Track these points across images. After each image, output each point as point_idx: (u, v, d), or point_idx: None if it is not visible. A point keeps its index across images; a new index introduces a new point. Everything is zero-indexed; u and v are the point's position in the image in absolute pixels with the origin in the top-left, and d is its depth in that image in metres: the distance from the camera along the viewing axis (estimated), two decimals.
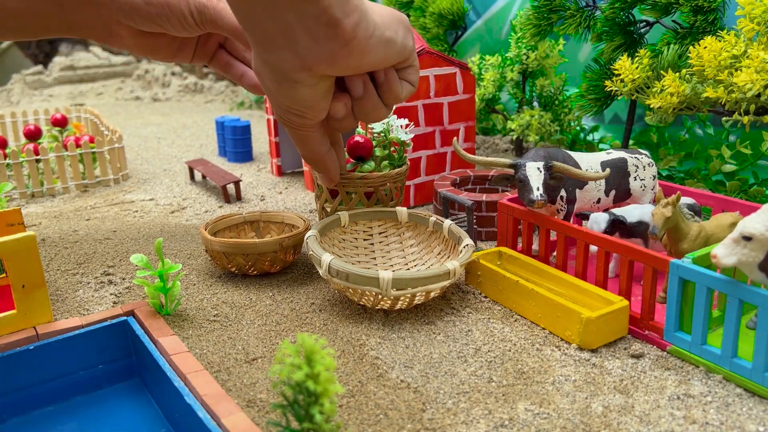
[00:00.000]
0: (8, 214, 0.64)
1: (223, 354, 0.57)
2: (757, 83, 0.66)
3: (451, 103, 0.96)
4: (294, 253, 0.73)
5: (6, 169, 1.10)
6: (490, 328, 0.61)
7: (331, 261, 0.60)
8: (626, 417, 0.47)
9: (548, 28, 1.03)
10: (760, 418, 0.47)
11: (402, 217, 0.74)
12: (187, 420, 0.45)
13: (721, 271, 0.52)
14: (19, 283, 0.56)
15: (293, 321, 0.63)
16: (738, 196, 0.91)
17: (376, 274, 0.58)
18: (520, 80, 1.22)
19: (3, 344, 0.54)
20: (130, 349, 0.57)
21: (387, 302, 0.61)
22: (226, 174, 1.10)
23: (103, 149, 1.15)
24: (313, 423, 0.38)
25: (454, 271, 0.61)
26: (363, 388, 0.52)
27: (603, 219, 0.65)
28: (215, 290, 0.70)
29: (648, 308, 0.57)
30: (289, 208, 0.99)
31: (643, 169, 0.73)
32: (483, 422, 0.47)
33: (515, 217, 0.70)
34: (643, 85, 0.82)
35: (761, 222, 0.47)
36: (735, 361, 0.50)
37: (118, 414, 0.51)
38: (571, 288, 0.62)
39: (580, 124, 1.22)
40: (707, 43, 0.72)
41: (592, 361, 0.55)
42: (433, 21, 1.48)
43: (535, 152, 0.66)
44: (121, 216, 0.98)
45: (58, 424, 0.51)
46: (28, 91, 2.57)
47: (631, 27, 0.94)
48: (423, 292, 0.60)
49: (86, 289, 0.71)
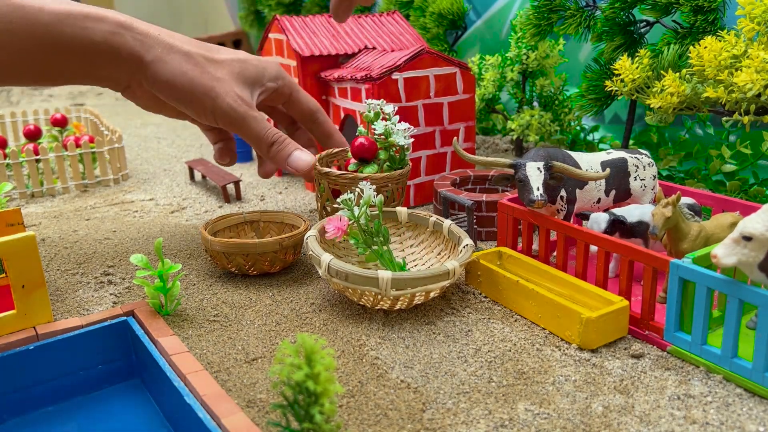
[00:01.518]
0: (8, 214, 0.64)
1: (223, 354, 0.57)
2: (758, 83, 0.66)
3: (451, 103, 0.96)
4: (294, 253, 0.73)
5: (6, 169, 1.10)
6: (490, 328, 0.61)
7: (330, 261, 0.60)
8: (626, 417, 0.47)
9: (548, 28, 1.03)
10: (760, 418, 0.47)
11: (402, 217, 0.74)
12: (187, 420, 0.45)
13: (721, 271, 0.52)
14: (19, 283, 0.56)
15: (293, 321, 0.63)
16: (738, 196, 0.91)
17: (376, 274, 0.58)
18: (520, 80, 1.22)
19: (3, 344, 0.54)
20: (129, 349, 0.57)
21: (387, 302, 0.61)
22: (226, 174, 1.10)
23: (103, 149, 1.15)
24: (313, 423, 0.38)
25: (454, 271, 0.61)
26: (363, 388, 0.52)
27: (603, 219, 0.65)
28: (215, 290, 0.70)
29: (648, 308, 0.57)
30: (289, 208, 0.99)
31: (644, 169, 0.73)
32: (483, 422, 0.47)
33: (515, 217, 0.70)
34: (643, 85, 0.82)
35: (761, 222, 0.47)
36: (735, 361, 0.50)
37: (118, 414, 0.51)
38: (571, 288, 0.62)
39: (580, 124, 1.22)
40: (707, 43, 0.72)
41: (592, 361, 0.55)
42: (433, 21, 1.48)
43: (535, 152, 0.66)
44: (121, 216, 0.98)
45: (58, 424, 0.51)
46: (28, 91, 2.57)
47: (631, 27, 0.94)
48: (423, 292, 0.60)
49: (86, 289, 0.71)
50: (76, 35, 0.68)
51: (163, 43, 0.71)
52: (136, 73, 0.71)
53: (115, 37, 0.69)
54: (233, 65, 0.73)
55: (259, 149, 0.73)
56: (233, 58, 0.74)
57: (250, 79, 0.74)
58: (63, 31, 0.67)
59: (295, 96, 0.81)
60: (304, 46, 1.01)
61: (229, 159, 0.83)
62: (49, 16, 0.67)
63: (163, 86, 0.71)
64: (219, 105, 0.70)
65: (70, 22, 0.67)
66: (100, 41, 0.68)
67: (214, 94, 0.70)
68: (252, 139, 0.72)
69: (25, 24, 0.66)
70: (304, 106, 0.82)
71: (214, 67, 0.72)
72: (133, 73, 0.71)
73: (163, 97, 0.72)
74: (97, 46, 0.68)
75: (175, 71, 0.70)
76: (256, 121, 0.71)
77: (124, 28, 0.70)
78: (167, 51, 0.70)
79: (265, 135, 0.71)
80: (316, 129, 0.83)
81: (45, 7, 0.67)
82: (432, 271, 0.59)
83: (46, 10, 0.67)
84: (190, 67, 0.70)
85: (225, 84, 0.71)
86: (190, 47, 0.72)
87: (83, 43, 0.68)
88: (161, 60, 0.70)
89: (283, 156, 0.71)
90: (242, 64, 0.74)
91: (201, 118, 0.73)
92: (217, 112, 0.71)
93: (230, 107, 0.70)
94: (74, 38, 0.68)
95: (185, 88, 0.70)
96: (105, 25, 0.69)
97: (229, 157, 0.83)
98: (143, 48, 0.70)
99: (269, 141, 0.71)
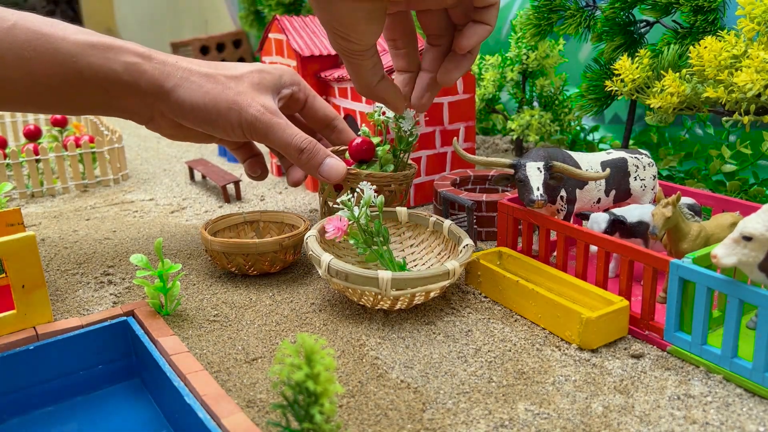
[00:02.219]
0: (8, 214, 0.64)
1: (223, 354, 0.57)
2: (758, 83, 0.66)
3: (451, 103, 0.96)
4: (294, 253, 0.73)
5: (6, 169, 1.10)
6: (490, 328, 0.61)
7: (330, 261, 0.60)
8: (626, 417, 0.47)
9: (548, 28, 1.03)
10: (761, 419, 0.47)
11: (402, 217, 0.74)
12: (187, 420, 0.45)
13: (721, 271, 0.52)
14: (19, 283, 0.56)
15: (293, 321, 0.63)
16: (738, 196, 0.91)
17: (376, 274, 0.58)
18: (520, 80, 1.22)
19: (3, 344, 0.54)
20: (129, 350, 0.57)
21: (387, 302, 0.61)
22: (226, 174, 1.10)
23: (103, 149, 1.15)
24: (313, 423, 0.38)
25: (454, 271, 0.61)
26: (363, 388, 0.52)
27: (603, 219, 0.65)
28: (215, 290, 0.70)
29: (648, 308, 0.57)
30: (289, 209, 0.99)
31: (644, 169, 0.73)
32: (483, 422, 0.47)
33: (515, 217, 0.70)
34: (643, 85, 0.82)
35: (761, 222, 0.47)
36: (735, 361, 0.50)
37: (118, 414, 0.51)
38: (571, 288, 0.62)
39: (580, 124, 1.22)
40: (707, 43, 0.72)
41: (592, 361, 0.55)
42: None
43: (535, 152, 0.66)
44: (121, 216, 0.98)
45: (58, 424, 0.51)
46: None
47: (631, 27, 0.94)
48: (423, 292, 0.60)
49: (86, 289, 0.71)
50: (98, 65, 0.69)
51: (181, 68, 0.71)
52: (158, 103, 0.72)
53: (135, 67, 0.70)
54: (252, 77, 0.73)
55: (288, 156, 0.71)
56: (250, 69, 0.74)
57: (269, 88, 0.74)
58: (85, 61, 0.68)
59: (311, 102, 0.80)
60: (304, 46, 1.01)
61: (261, 171, 0.83)
62: (72, 45, 0.68)
63: (187, 111, 0.71)
64: (245, 117, 0.70)
65: (92, 53, 0.69)
66: (121, 71, 0.69)
67: (238, 107, 0.70)
68: (281, 147, 0.71)
69: (47, 52, 0.67)
70: (321, 113, 0.81)
71: (235, 83, 0.72)
72: (154, 103, 0.72)
73: (188, 122, 0.72)
74: (118, 77, 0.69)
75: (197, 93, 0.70)
76: (281, 128, 0.70)
77: (143, 58, 0.71)
78: (186, 76, 0.71)
79: (293, 141, 0.70)
80: (335, 136, 0.83)
81: (68, 36, 0.68)
82: (432, 271, 0.59)
83: (69, 40, 0.68)
84: (211, 87, 0.71)
85: (247, 96, 0.71)
86: (208, 69, 0.73)
87: (104, 73, 0.69)
88: (181, 86, 0.70)
89: (315, 164, 0.70)
90: (260, 74, 0.74)
91: (229, 135, 0.72)
92: (244, 125, 0.70)
93: (255, 118, 0.70)
94: (95, 68, 0.69)
95: (209, 108, 0.70)
96: (125, 55, 0.70)
97: (261, 169, 0.83)
98: (162, 76, 0.71)
99: (299, 147, 0.70)
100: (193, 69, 0.72)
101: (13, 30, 0.67)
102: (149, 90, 0.71)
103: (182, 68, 0.72)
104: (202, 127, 0.73)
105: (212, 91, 0.70)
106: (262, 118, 0.70)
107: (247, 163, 0.83)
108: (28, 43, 0.67)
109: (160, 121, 0.75)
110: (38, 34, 0.67)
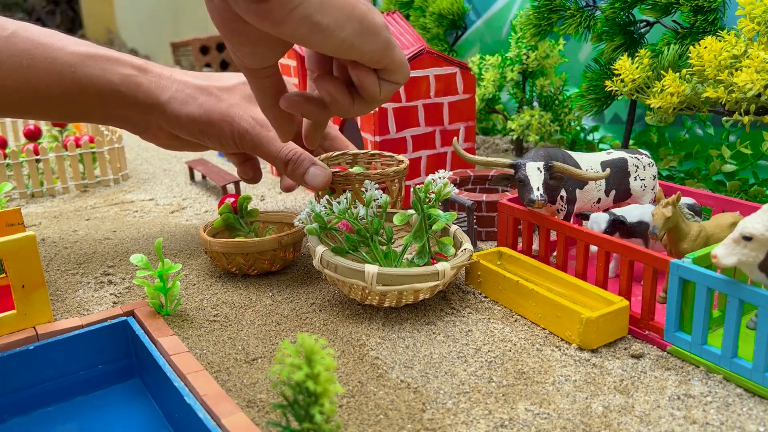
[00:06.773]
0: (8, 214, 0.64)
1: (223, 354, 0.57)
2: (758, 83, 0.66)
3: (451, 103, 0.96)
4: (294, 251, 0.73)
5: (6, 169, 1.10)
6: (490, 328, 0.61)
7: (323, 252, 0.60)
8: (626, 417, 0.47)
9: (548, 28, 1.03)
10: (761, 419, 0.47)
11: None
12: (187, 420, 0.45)
13: (721, 271, 0.52)
14: (19, 283, 0.56)
15: (293, 321, 0.63)
16: (738, 196, 0.91)
17: (362, 267, 0.58)
18: (520, 80, 1.22)
19: (3, 344, 0.54)
20: (129, 350, 0.57)
21: (374, 298, 0.61)
22: (226, 174, 1.10)
23: (103, 149, 1.15)
24: (313, 423, 0.38)
25: (444, 273, 0.60)
26: (363, 388, 0.52)
27: (603, 219, 0.65)
28: (215, 290, 0.70)
29: (648, 308, 0.57)
30: (289, 208, 0.99)
31: (644, 169, 0.73)
32: (483, 422, 0.47)
33: (515, 217, 0.70)
34: (643, 85, 0.82)
35: (761, 222, 0.47)
36: (735, 361, 0.50)
37: (118, 414, 0.51)
38: (571, 288, 0.62)
39: (580, 124, 1.22)
40: (707, 43, 0.72)
41: (592, 361, 0.55)
42: (433, 21, 1.48)
43: (535, 152, 0.66)
44: (121, 216, 0.98)
45: (58, 424, 0.51)
46: None
47: (631, 27, 0.94)
48: (410, 290, 0.60)
49: (86, 289, 0.71)
50: (95, 76, 0.70)
51: (176, 81, 0.73)
52: (154, 114, 0.73)
53: (132, 79, 0.71)
54: (244, 88, 0.74)
55: (276, 167, 0.73)
56: (243, 81, 0.75)
57: None
58: (82, 72, 0.70)
59: None
60: None
61: (254, 174, 0.83)
62: (70, 56, 0.69)
63: (182, 122, 0.72)
64: (236, 129, 0.72)
65: (90, 63, 0.70)
66: (118, 83, 0.71)
67: (230, 119, 0.72)
68: (269, 159, 0.73)
69: (45, 61, 0.68)
70: None
71: (228, 95, 0.73)
72: (150, 115, 0.73)
73: (184, 134, 0.74)
74: (115, 88, 0.71)
75: (192, 105, 0.72)
76: (269, 141, 0.72)
77: (139, 70, 0.72)
78: (181, 88, 0.73)
79: (280, 154, 0.72)
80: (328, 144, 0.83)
81: (66, 47, 0.70)
82: (420, 270, 0.59)
83: (67, 50, 0.69)
84: (205, 99, 0.72)
85: (239, 108, 0.72)
86: (202, 81, 0.74)
87: (102, 84, 0.70)
88: (176, 98, 0.72)
89: (300, 173, 0.71)
90: None
91: (222, 145, 0.74)
92: (236, 136, 0.72)
93: (245, 130, 0.72)
94: (93, 79, 0.70)
95: (203, 119, 0.72)
96: (123, 67, 0.72)
97: (253, 172, 0.83)
98: (158, 89, 0.72)
99: (284, 159, 0.71)
100: (188, 81, 0.73)
101: (12, 39, 0.68)
102: (146, 102, 0.72)
103: (177, 81, 0.73)
104: (196, 137, 0.74)
105: (206, 104, 0.72)
106: (252, 131, 0.72)
107: (240, 167, 0.84)
108: (26, 52, 0.68)
109: (156, 132, 0.76)
110: (36, 43, 0.68)
